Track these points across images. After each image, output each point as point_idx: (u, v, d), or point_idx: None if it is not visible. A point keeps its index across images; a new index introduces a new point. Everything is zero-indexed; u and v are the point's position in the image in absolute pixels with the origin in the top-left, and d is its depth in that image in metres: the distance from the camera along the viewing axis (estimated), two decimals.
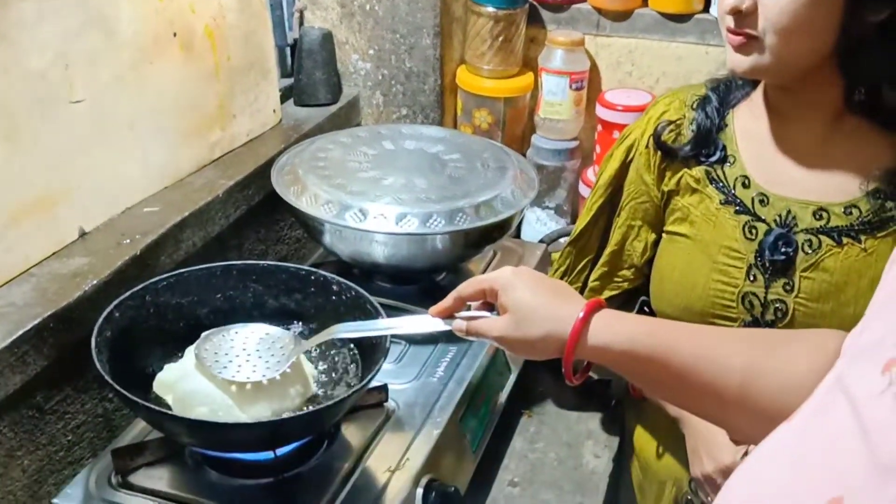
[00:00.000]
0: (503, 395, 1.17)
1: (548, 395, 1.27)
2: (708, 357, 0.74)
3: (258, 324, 0.95)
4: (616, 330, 0.76)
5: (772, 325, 1.01)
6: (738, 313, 1.02)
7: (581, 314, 0.76)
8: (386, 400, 1.01)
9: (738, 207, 1.02)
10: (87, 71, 1.02)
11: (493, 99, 1.56)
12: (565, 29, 1.57)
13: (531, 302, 0.79)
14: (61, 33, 0.97)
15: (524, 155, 1.59)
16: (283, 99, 1.50)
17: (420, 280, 1.27)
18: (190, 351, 0.90)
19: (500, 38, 1.53)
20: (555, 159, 1.59)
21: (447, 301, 0.86)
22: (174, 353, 0.96)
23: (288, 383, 0.88)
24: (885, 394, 0.49)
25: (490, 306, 0.85)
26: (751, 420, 0.73)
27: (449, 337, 1.14)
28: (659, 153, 1.09)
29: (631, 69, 1.59)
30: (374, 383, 0.98)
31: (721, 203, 1.03)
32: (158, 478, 0.90)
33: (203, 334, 0.91)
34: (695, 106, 1.08)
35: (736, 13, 0.91)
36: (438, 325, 0.86)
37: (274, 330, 0.94)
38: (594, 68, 1.59)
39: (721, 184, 1.04)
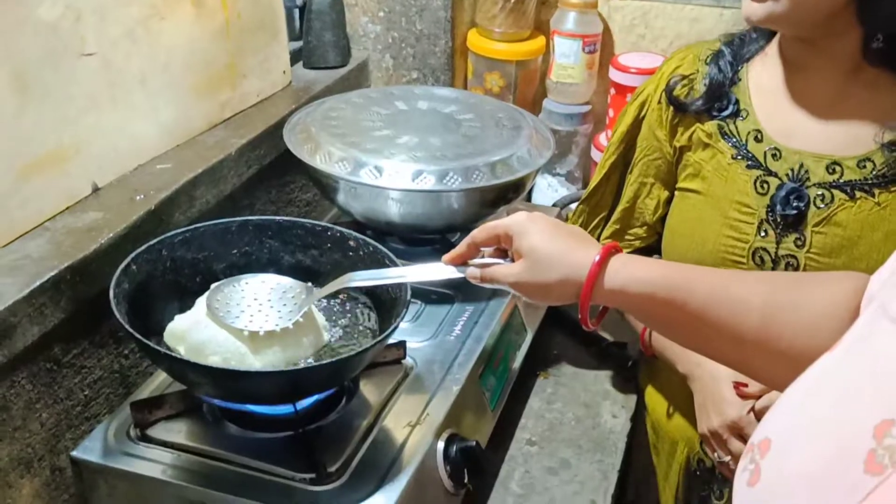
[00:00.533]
0: (520, 356, 1.16)
1: (564, 357, 1.27)
2: (726, 296, 0.73)
3: (269, 274, 0.94)
4: (632, 272, 0.75)
5: None
6: (749, 269, 1.01)
7: (597, 258, 0.75)
8: (404, 357, 1.00)
9: (749, 162, 1.01)
10: (98, 24, 1.00)
11: (505, 62, 1.54)
12: None
13: (546, 247, 0.78)
14: None
15: None
16: (293, 61, 1.48)
17: (434, 241, 1.26)
18: (201, 301, 0.89)
19: (512, 0, 1.51)
20: (567, 124, 1.57)
21: (461, 247, 0.85)
22: (190, 307, 0.95)
23: (301, 333, 0.86)
24: None
25: (503, 253, 0.84)
26: (769, 361, 0.72)
27: (465, 296, 1.15)
28: (671, 108, 1.08)
29: (644, 32, 1.57)
30: (391, 340, 0.97)
31: (733, 158, 1.02)
32: (177, 431, 0.89)
33: (214, 285, 0.89)
34: (708, 60, 1.07)
35: None
36: (452, 273, 0.85)
37: (285, 280, 0.92)
38: (607, 31, 1.57)
39: (733, 138, 1.03)
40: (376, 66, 1.58)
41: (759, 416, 0.95)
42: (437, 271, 0.87)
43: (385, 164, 1.10)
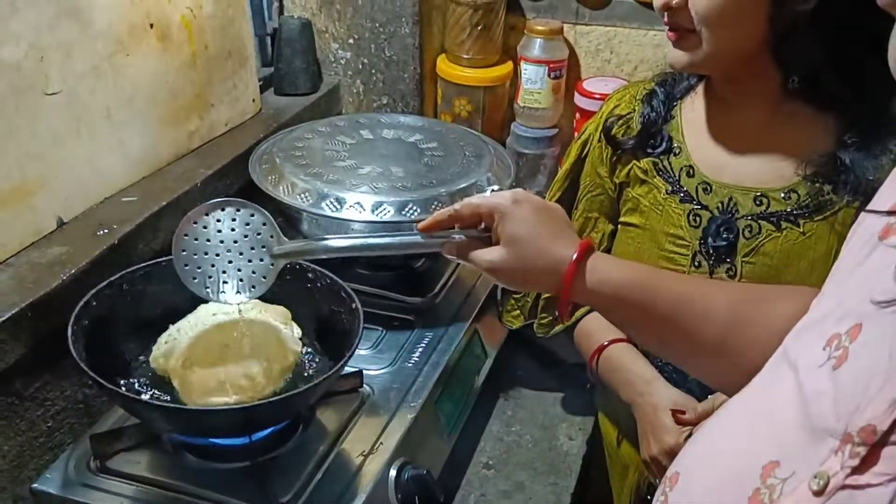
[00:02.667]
0: (479, 379, 1.19)
1: (525, 379, 1.29)
2: (693, 301, 0.75)
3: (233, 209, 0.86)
4: (605, 273, 0.77)
5: None
6: None
7: (574, 256, 0.77)
8: (361, 386, 1.03)
9: (682, 196, 1.04)
10: (62, 62, 1.03)
11: (473, 87, 1.57)
12: (544, 17, 1.58)
13: (527, 236, 0.78)
14: (34, 25, 0.98)
15: (504, 142, 1.61)
16: (264, 88, 1.51)
17: (398, 267, 1.29)
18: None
19: (480, 27, 1.54)
20: (534, 147, 1.60)
21: (441, 214, 0.82)
22: (152, 340, 0.97)
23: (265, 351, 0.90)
24: (823, 367, 0.52)
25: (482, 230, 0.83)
26: (727, 370, 0.74)
27: (425, 322, 1.17)
28: (610, 147, 1.11)
29: (610, 57, 1.60)
30: (349, 369, 1.00)
31: (667, 193, 1.05)
32: (136, 462, 0.92)
33: (177, 231, 0.84)
34: (643, 99, 1.10)
35: (667, 9, 0.95)
36: (429, 245, 0.83)
37: (257, 216, 0.86)
38: (573, 56, 1.60)
39: (667, 174, 1.06)
40: (347, 91, 1.61)
41: None
42: (412, 242, 0.84)
43: (346, 196, 1.13)
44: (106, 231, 1.06)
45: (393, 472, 0.93)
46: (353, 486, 0.90)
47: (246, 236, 0.85)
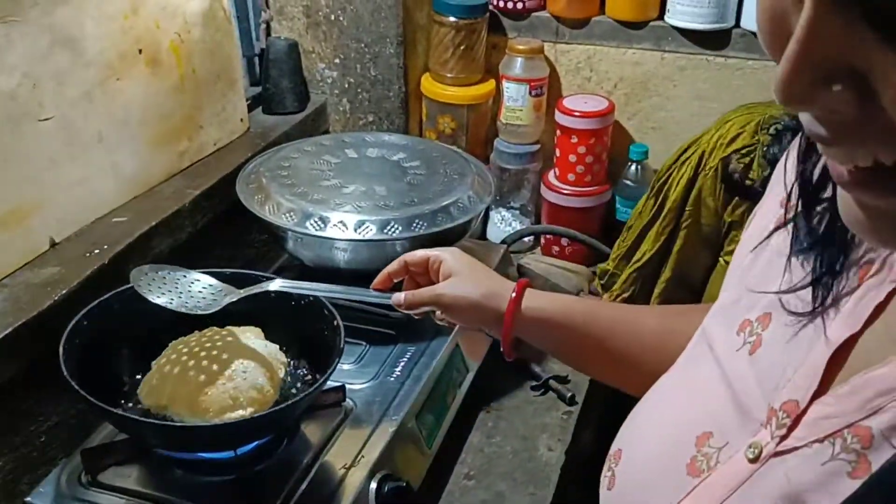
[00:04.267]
0: (461, 392, 1.23)
1: (507, 391, 1.33)
2: (626, 321, 0.83)
3: (193, 271, 1.01)
4: (543, 303, 0.85)
5: None
6: None
7: (514, 292, 0.85)
8: (343, 400, 1.06)
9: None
10: (54, 89, 1.07)
11: (456, 105, 1.61)
12: (525, 37, 1.62)
13: (471, 270, 0.89)
14: (29, 55, 1.02)
15: (488, 158, 1.65)
16: (252, 107, 1.55)
17: None
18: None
19: (462, 47, 1.58)
20: (517, 162, 1.64)
21: (392, 265, 0.94)
22: (145, 357, 1.01)
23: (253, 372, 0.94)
24: (740, 351, 0.59)
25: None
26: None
27: (408, 336, 1.21)
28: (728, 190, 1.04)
29: (590, 74, 1.64)
30: (332, 384, 1.04)
31: None
32: (127, 476, 0.95)
33: (137, 269, 0.96)
34: (771, 132, 1.00)
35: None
36: (377, 298, 0.95)
37: (210, 279, 1.00)
38: (554, 73, 1.64)
39: None
40: (334, 110, 1.65)
41: None
42: (363, 294, 0.96)
43: (330, 215, 1.17)
44: (97, 251, 1.09)
45: (374, 485, 0.97)
46: (335, 498, 0.94)
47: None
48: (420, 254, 0.93)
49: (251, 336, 1.02)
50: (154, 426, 0.87)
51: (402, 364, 1.16)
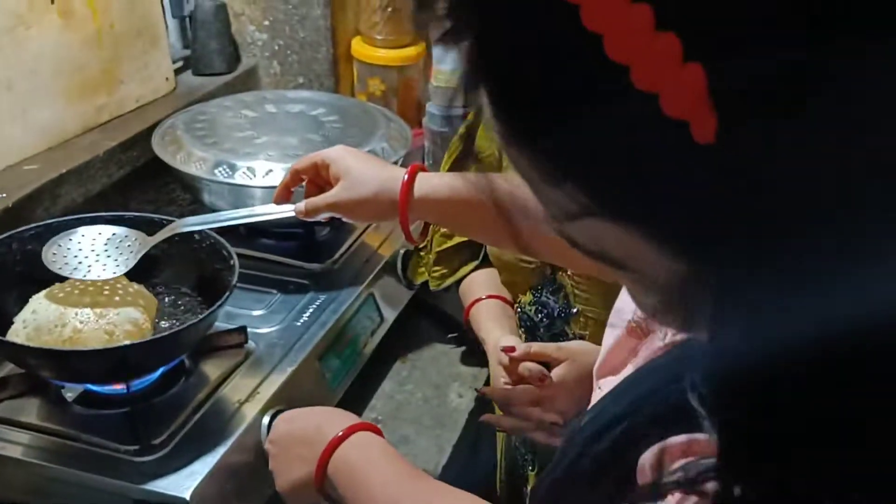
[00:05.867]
0: (373, 340, 1.24)
1: (424, 342, 1.34)
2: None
3: (105, 225, 1.00)
4: (435, 182, 0.86)
5: None
6: None
7: (406, 174, 0.86)
8: (245, 341, 1.07)
9: None
10: None
11: (385, 67, 1.62)
12: None
13: (360, 166, 0.90)
14: None
15: (420, 122, 1.66)
16: (184, 69, 1.56)
17: (302, 237, 1.33)
18: (33, 299, 0.96)
19: (390, 9, 1.59)
20: (447, 125, 1.65)
21: (284, 178, 0.96)
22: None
23: (124, 303, 0.94)
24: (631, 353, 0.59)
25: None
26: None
27: (320, 286, 1.22)
28: None
29: None
30: (232, 326, 1.05)
31: None
32: (21, 409, 0.96)
33: (50, 240, 0.96)
34: None
35: None
36: (280, 211, 0.96)
37: (120, 229, 0.99)
38: None
39: None
40: (265, 73, 1.65)
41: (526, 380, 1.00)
42: (266, 211, 0.97)
43: (238, 163, 1.18)
44: (3, 195, 1.10)
45: (266, 419, 0.98)
46: (225, 430, 0.95)
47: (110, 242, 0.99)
48: (307, 159, 0.94)
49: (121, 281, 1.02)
50: (39, 351, 0.88)
51: (311, 311, 1.17)
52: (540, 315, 1.11)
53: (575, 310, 1.07)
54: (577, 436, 0.53)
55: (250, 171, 1.17)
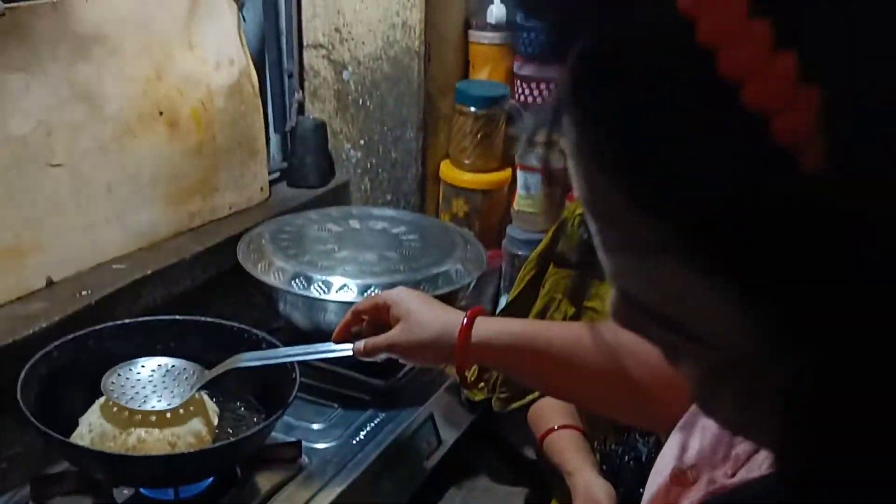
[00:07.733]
0: (429, 464, 1.21)
1: (482, 470, 1.30)
2: (581, 337, 0.81)
3: (163, 357, 1.03)
4: (496, 328, 0.85)
5: None
6: None
7: (465, 319, 0.85)
8: (300, 455, 1.07)
9: None
10: (68, 139, 1.15)
11: (470, 190, 1.65)
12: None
13: (420, 309, 0.89)
14: (46, 105, 1.11)
15: (500, 245, 1.67)
16: (280, 180, 1.63)
17: None
18: (100, 401, 0.98)
19: (481, 136, 1.63)
20: (527, 249, 1.65)
21: (345, 318, 0.96)
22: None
23: (188, 416, 0.95)
24: None
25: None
26: (626, 398, 0.79)
27: (381, 403, 1.22)
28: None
29: None
30: (288, 439, 1.05)
31: None
32: None
33: (110, 369, 0.99)
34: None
35: None
36: (338, 351, 0.95)
37: (179, 362, 1.02)
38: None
39: None
40: (356, 188, 1.71)
41: None
42: (325, 350, 0.97)
43: (315, 276, 1.21)
44: (89, 292, 1.15)
45: None
46: None
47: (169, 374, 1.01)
48: (369, 300, 0.95)
49: None
50: (93, 452, 0.90)
51: (369, 428, 1.16)
52: (627, 458, 1.07)
53: None
54: None
55: (325, 284, 1.19)
